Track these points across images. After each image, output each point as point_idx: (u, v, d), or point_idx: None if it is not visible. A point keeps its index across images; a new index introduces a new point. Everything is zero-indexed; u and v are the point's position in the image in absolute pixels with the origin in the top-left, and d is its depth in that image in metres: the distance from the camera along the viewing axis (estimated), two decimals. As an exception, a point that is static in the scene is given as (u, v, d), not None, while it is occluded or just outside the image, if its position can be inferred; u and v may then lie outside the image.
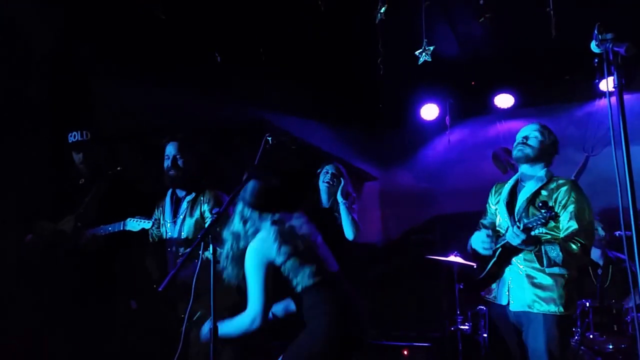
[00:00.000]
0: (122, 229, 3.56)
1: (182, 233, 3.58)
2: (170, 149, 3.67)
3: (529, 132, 3.17)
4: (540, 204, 2.83)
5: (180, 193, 3.69)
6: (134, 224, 3.52)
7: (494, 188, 3.36)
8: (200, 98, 5.53)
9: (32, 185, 4.19)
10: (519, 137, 3.19)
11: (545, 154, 3.15)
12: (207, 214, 3.56)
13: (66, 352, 3.64)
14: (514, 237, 2.87)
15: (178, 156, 3.63)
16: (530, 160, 3.13)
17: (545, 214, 2.76)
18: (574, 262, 2.96)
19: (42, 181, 4.27)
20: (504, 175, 5.92)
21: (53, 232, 3.80)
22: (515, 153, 3.17)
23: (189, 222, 3.59)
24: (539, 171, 3.14)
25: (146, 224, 3.50)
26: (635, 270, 2.25)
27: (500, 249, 3.06)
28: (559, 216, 2.89)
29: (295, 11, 4.89)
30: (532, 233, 2.83)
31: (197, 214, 3.61)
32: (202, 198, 3.62)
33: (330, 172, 4.12)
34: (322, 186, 4.13)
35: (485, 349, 4.85)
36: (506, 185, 3.26)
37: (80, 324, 3.61)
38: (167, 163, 3.64)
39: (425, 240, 6.32)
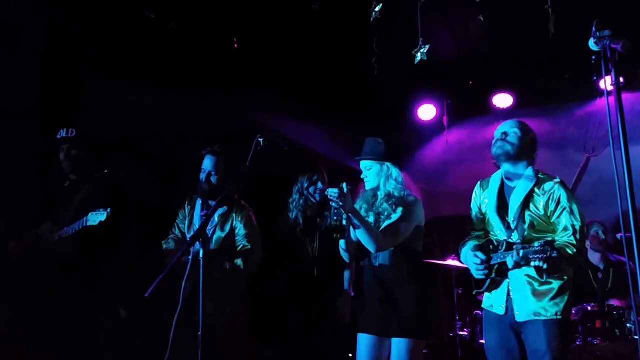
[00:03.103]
0: (85, 225, 3.53)
1: (211, 246, 3.60)
2: (207, 164, 3.72)
3: (507, 128, 3.07)
4: (544, 242, 2.72)
5: (212, 203, 3.71)
6: (94, 218, 3.49)
7: (477, 186, 3.25)
8: (192, 100, 5.48)
9: (19, 190, 4.14)
10: (497, 134, 3.09)
11: (525, 151, 3.04)
12: (240, 230, 3.68)
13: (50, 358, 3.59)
14: (514, 264, 2.84)
15: (213, 172, 3.70)
16: (511, 158, 3.03)
17: (547, 250, 2.67)
18: (570, 267, 2.92)
19: (30, 186, 4.22)
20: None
21: (33, 237, 3.75)
22: (495, 150, 3.05)
23: (218, 235, 3.66)
24: (524, 170, 3.04)
25: (102, 216, 3.47)
26: (636, 272, 2.18)
27: (497, 265, 2.99)
28: (560, 257, 2.75)
29: (289, 11, 4.84)
30: (532, 264, 2.74)
31: (227, 228, 3.68)
32: (234, 215, 3.70)
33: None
34: (317, 197, 4.06)
35: (484, 354, 4.76)
36: (491, 186, 3.15)
37: (63, 333, 3.55)
38: (202, 176, 3.71)
39: (424, 244, 6.20)
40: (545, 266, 2.69)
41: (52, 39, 4.73)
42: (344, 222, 3.16)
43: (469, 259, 3.08)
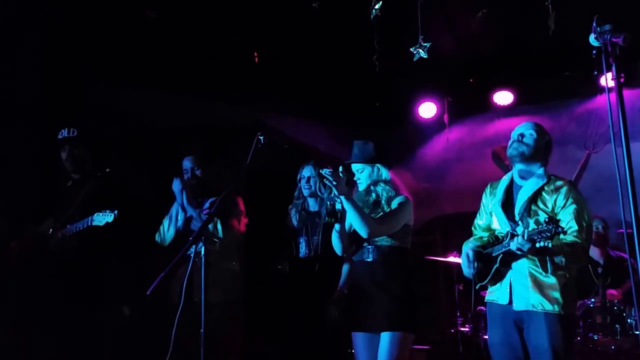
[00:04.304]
0: (89, 224, 3.55)
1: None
2: (187, 163, 3.89)
3: (524, 129, 3.10)
4: (547, 218, 2.75)
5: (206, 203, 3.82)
6: (100, 218, 3.52)
7: (488, 187, 3.29)
8: (193, 99, 5.48)
9: (21, 188, 4.15)
10: (514, 135, 3.12)
11: (540, 153, 3.08)
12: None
13: (53, 356, 3.60)
14: (518, 246, 2.82)
15: (195, 168, 3.86)
16: (526, 159, 3.06)
17: (551, 228, 2.67)
18: (575, 265, 2.93)
19: (32, 185, 4.22)
20: (504, 174, 5.88)
21: (34, 236, 3.77)
22: (510, 151, 3.09)
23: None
24: (537, 170, 3.06)
25: (109, 217, 3.50)
26: (637, 268, 2.18)
27: (501, 255, 2.99)
28: (565, 231, 2.79)
29: (290, 10, 4.83)
30: (537, 245, 2.75)
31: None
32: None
33: (306, 176, 4.05)
34: (304, 192, 4.06)
35: (486, 350, 4.77)
36: (500, 185, 3.17)
37: (66, 330, 3.55)
38: (186, 176, 3.87)
39: (425, 241, 6.23)
40: (550, 244, 2.69)
41: (52, 39, 4.72)
42: (338, 207, 3.27)
43: (462, 256, 3.12)
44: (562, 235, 2.88)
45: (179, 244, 3.88)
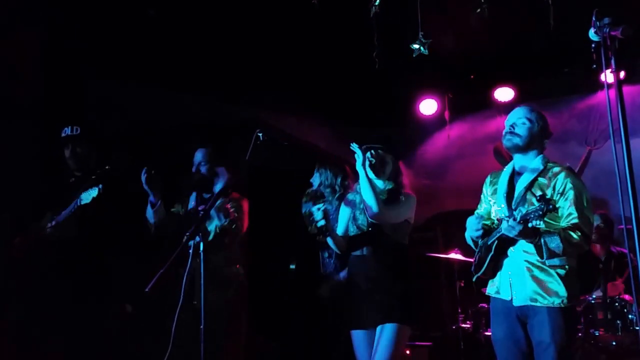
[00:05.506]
0: (79, 204, 3.58)
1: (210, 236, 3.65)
2: (198, 156, 3.90)
3: (515, 119, 3.08)
4: (538, 196, 2.73)
5: (207, 195, 3.85)
6: (86, 195, 3.55)
7: (489, 177, 3.27)
8: (194, 97, 5.48)
9: (23, 186, 4.16)
10: (507, 125, 3.10)
11: (535, 141, 3.05)
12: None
13: (57, 353, 3.62)
14: (509, 229, 2.77)
15: (203, 163, 3.84)
16: (521, 149, 3.04)
17: (542, 206, 2.66)
18: (574, 252, 2.88)
19: (34, 182, 4.24)
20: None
21: (36, 230, 3.80)
22: (505, 143, 3.08)
23: (215, 225, 3.71)
24: (534, 159, 3.04)
25: (94, 192, 3.53)
26: (637, 264, 2.18)
27: (496, 242, 2.96)
28: (557, 209, 2.80)
29: (289, 7, 4.83)
30: (530, 225, 2.73)
31: (222, 217, 3.75)
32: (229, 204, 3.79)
33: (317, 176, 4.06)
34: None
35: (487, 346, 4.78)
36: (502, 176, 3.15)
37: (68, 329, 3.57)
38: (194, 169, 3.87)
39: (426, 238, 6.23)
40: (542, 224, 2.68)
41: (52, 38, 4.73)
42: (322, 222, 3.30)
43: (470, 221, 3.06)
44: (561, 222, 2.88)
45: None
